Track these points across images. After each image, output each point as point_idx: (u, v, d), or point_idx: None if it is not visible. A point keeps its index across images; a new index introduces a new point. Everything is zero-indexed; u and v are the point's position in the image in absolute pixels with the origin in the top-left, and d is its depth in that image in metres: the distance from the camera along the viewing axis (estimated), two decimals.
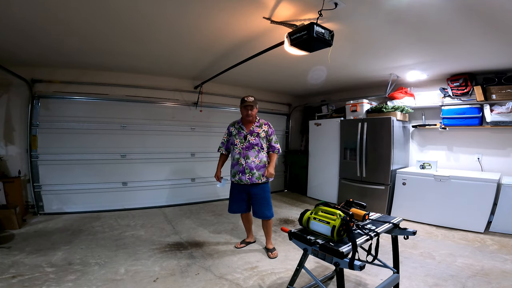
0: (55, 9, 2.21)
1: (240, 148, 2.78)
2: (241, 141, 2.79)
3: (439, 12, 2.12)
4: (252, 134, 2.80)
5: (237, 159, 2.78)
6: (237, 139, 2.81)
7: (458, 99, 3.91)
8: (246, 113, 2.77)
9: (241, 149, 2.77)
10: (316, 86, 5.14)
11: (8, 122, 3.88)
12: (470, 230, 3.41)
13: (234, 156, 2.81)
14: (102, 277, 2.25)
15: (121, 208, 4.31)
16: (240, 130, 2.83)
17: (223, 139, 2.97)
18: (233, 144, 2.84)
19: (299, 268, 1.75)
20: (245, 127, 2.83)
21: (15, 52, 3.27)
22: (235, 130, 2.86)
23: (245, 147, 2.77)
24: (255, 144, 2.78)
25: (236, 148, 2.80)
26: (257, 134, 2.81)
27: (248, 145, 2.77)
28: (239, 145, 2.79)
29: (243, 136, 2.80)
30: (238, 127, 2.86)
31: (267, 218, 2.82)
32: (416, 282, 2.24)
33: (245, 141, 2.78)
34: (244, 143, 2.78)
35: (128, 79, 4.41)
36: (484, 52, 3.00)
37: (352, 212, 1.72)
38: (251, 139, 2.79)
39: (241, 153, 2.77)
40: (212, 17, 2.38)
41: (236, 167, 2.80)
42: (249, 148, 2.77)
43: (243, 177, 2.74)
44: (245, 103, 2.75)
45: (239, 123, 2.89)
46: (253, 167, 2.74)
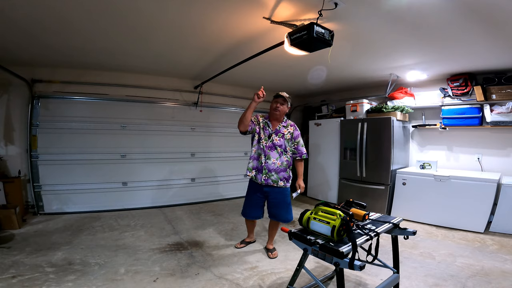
0: (58, 7, 2.21)
1: (263, 144, 2.61)
2: (265, 139, 2.62)
3: (439, 12, 2.12)
4: (277, 134, 2.63)
5: (258, 154, 2.63)
6: (263, 133, 2.64)
7: (458, 99, 3.91)
8: (275, 106, 2.60)
9: (264, 146, 2.61)
10: (316, 86, 5.14)
11: (8, 122, 3.88)
12: (470, 230, 3.41)
13: (257, 149, 2.64)
14: (102, 277, 2.25)
15: (121, 208, 4.31)
16: (267, 126, 2.66)
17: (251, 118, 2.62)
18: (258, 136, 2.64)
19: (299, 268, 1.75)
20: (271, 124, 2.67)
21: (16, 52, 3.27)
22: (262, 124, 2.67)
23: (268, 146, 2.60)
24: (278, 145, 2.61)
25: (260, 143, 2.62)
26: (283, 134, 2.64)
27: (271, 145, 2.61)
28: (263, 141, 2.62)
29: (267, 134, 2.63)
30: (265, 122, 2.68)
31: (287, 221, 2.71)
32: (416, 282, 2.24)
33: (268, 139, 2.62)
34: (267, 142, 2.61)
35: (128, 79, 4.41)
36: (484, 52, 3.00)
37: (352, 212, 1.72)
38: (276, 139, 2.62)
39: (264, 150, 2.60)
40: (212, 17, 2.38)
41: (255, 162, 2.65)
42: (272, 148, 2.60)
43: (258, 176, 2.62)
44: (277, 94, 2.62)
45: (266, 118, 2.71)
46: (271, 169, 2.58)
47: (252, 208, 2.73)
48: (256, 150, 2.65)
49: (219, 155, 5.32)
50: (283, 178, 2.63)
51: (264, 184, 2.62)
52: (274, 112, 2.62)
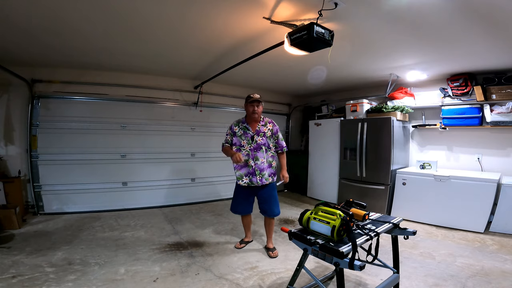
0: (58, 8, 2.21)
1: (248, 149, 2.70)
2: (248, 142, 2.70)
3: (439, 12, 2.12)
4: (259, 134, 2.72)
5: (245, 160, 2.68)
6: (243, 140, 2.72)
7: (458, 99, 3.91)
8: (252, 110, 2.67)
9: (249, 150, 2.69)
10: (316, 86, 5.14)
11: (8, 122, 3.88)
12: (470, 230, 3.41)
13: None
14: (102, 277, 2.25)
15: (121, 208, 4.31)
16: (246, 130, 2.74)
17: (226, 138, 2.83)
18: (239, 145, 2.74)
19: (299, 268, 1.75)
20: (250, 127, 2.75)
21: (16, 52, 3.27)
22: (240, 131, 2.75)
23: (253, 148, 2.69)
24: (262, 144, 2.72)
25: (243, 150, 2.71)
26: (264, 133, 2.74)
27: (256, 146, 2.70)
28: (246, 146, 2.70)
29: (250, 137, 2.71)
30: (243, 127, 2.76)
31: (276, 215, 2.85)
32: (416, 282, 2.24)
33: (252, 142, 2.70)
34: (251, 144, 2.70)
35: (128, 79, 4.41)
36: (484, 52, 3.00)
37: (352, 212, 1.72)
38: (259, 139, 2.72)
39: (249, 154, 2.68)
40: (212, 17, 2.38)
41: (244, 169, 2.72)
42: (257, 149, 2.70)
43: (253, 179, 2.69)
44: (251, 99, 2.66)
45: (243, 122, 2.78)
46: (262, 168, 2.70)
47: (243, 205, 2.85)
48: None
49: (219, 155, 5.25)
50: (271, 173, 2.79)
51: (260, 185, 2.71)
52: (252, 115, 2.69)
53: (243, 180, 2.73)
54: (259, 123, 2.76)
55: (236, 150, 2.73)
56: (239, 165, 2.72)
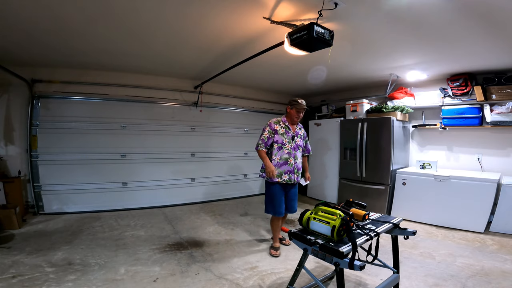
0: (58, 8, 2.21)
1: (288, 148, 2.77)
2: (289, 142, 2.79)
3: (439, 12, 2.12)
4: (297, 136, 2.88)
5: (285, 158, 2.75)
6: (285, 138, 2.79)
7: (458, 99, 3.91)
8: (298, 116, 2.82)
9: (290, 149, 2.78)
10: (316, 86, 5.14)
11: (8, 122, 3.88)
12: (470, 230, 3.41)
13: (282, 155, 2.75)
14: (102, 277, 2.25)
15: (121, 208, 4.31)
16: (287, 129, 2.83)
17: (263, 136, 2.79)
18: (280, 143, 2.77)
19: (299, 268, 1.75)
20: (291, 128, 2.86)
21: (16, 52, 3.27)
22: (282, 129, 2.81)
23: (293, 148, 2.80)
24: (299, 145, 2.87)
25: (284, 148, 2.76)
26: (300, 136, 2.92)
27: (295, 146, 2.82)
28: (287, 145, 2.77)
29: (291, 136, 2.82)
30: (284, 126, 2.83)
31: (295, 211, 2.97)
32: (416, 282, 2.24)
33: (292, 141, 2.81)
34: (292, 144, 2.80)
35: (128, 79, 4.41)
36: (484, 52, 3.00)
37: (352, 212, 1.72)
38: (297, 140, 2.86)
39: (290, 153, 2.77)
40: (212, 16, 2.38)
41: (284, 167, 2.75)
42: (296, 149, 2.82)
43: (292, 177, 2.77)
44: (300, 106, 2.78)
45: (284, 122, 2.86)
46: (299, 167, 2.85)
47: (281, 206, 2.83)
48: (282, 156, 2.75)
49: (219, 155, 5.32)
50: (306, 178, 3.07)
51: (295, 182, 2.83)
52: (295, 119, 2.83)
53: (282, 178, 2.74)
54: (297, 125, 2.93)
55: (277, 148, 2.76)
56: (279, 162, 2.75)
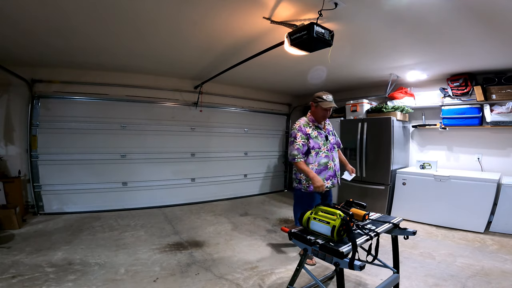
0: (58, 8, 2.21)
1: (325, 150, 2.45)
2: (324, 143, 2.47)
3: (439, 12, 2.12)
4: (329, 133, 2.58)
5: (324, 163, 2.42)
6: (320, 141, 2.45)
7: (458, 99, 3.91)
8: (324, 115, 2.47)
9: (327, 151, 2.47)
10: (316, 86, 5.12)
11: (8, 122, 3.88)
12: (470, 230, 3.41)
13: (320, 161, 2.41)
14: (102, 277, 2.25)
15: (121, 208, 4.31)
16: (319, 130, 2.51)
17: (297, 144, 2.38)
18: (317, 148, 2.43)
19: (299, 268, 1.75)
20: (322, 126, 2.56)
21: (16, 52, 3.27)
22: (314, 131, 2.46)
23: (329, 149, 2.49)
24: (334, 143, 2.58)
25: (321, 152, 2.43)
26: (332, 132, 2.62)
27: (331, 146, 2.52)
28: (323, 147, 2.45)
29: (324, 137, 2.50)
30: (315, 127, 2.50)
31: None
32: (416, 282, 2.24)
33: (327, 142, 2.50)
34: (327, 145, 2.49)
35: (128, 79, 4.41)
36: (484, 52, 3.00)
37: (352, 212, 1.72)
38: (331, 138, 2.56)
39: (328, 156, 2.46)
40: (212, 17, 2.38)
41: (324, 173, 2.44)
42: (332, 149, 2.53)
43: (335, 181, 2.50)
44: (327, 105, 2.40)
45: (313, 121, 2.52)
46: (338, 168, 2.56)
47: None
48: (320, 161, 2.42)
49: (219, 155, 5.32)
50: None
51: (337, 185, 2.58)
52: (322, 118, 2.51)
53: (327, 183, 2.44)
54: (325, 122, 2.62)
55: (315, 153, 2.42)
56: (318, 169, 2.41)
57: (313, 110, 2.52)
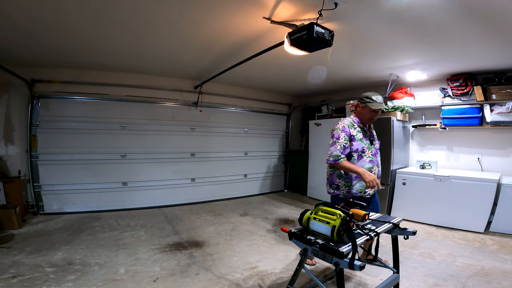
0: (58, 9, 2.22)
1: (370, 155, 2.29)
2: (369, 147, 2.30)
3: (439, 12, 2.12)
4: (374, 138, 2.43)
5: (369, 168, 2.24)
6: (364, 144, 2.29)
7: (458, 99, 3.91)
8: (371, 117, 2.31)
9: (372, 156, 2.30)
10: (316, 86, 5.14)
11: (8, 122, 3.88)
12: (470, 230, 3.41)
13: (363, 166, 2.23)
14: (102, 277, 2.25)
15: (121, 208, 4.31)
16: (364, 132, 2.34)
17: (339, 144, 2.22)
18: (360, 151, 2.26)
19: (299, 268, 1.75)
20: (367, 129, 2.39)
21: (16, 52, 3.27)
22: (359, 134, 2.29)
23: (373, 154, 2.33)
24: (378, 149, 2.42)
25: (365, 156, 2.26)
26: (375, 137, 2.46)
27: (375, 151, 2.36)
28: (368, 152, 2.29)
29: (369, 141, 2.34)
30: (360, 129, 2.33)
31: None
32: (416, 282, 2.25)
33: (372, 146, 2.34)
34: (371, 149, 2.32)
35: (128, 79, 4.41)
36: (484, 52, 3.00)
37: (352, 212, 1.72)
38: (376, 144, 2.40)
39: (373, 161, 2.29)
40: (212, 17, 2.38)
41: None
42: (376, 154, 2.36)
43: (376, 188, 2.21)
44: (376, 106, 2.22)
45: (358, 123, 2.35)
46: (381, 174, 2.40)
47: None
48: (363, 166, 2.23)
49: (219, 155, 5.32)
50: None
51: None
52: (368, 120, 2.35)
53: (366, 192, 2.24)
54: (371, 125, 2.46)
55: (358, 157, 2.25)
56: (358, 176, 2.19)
57: (359, 111, 2.35)
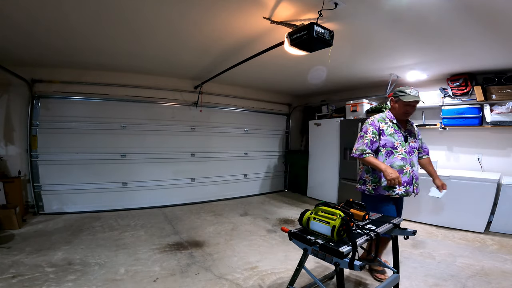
0: (58, 9, 2.22)
1: (402, 152, 2.15)
2: (402, 144, 2.16)
3: (439, 12, 2.12)
4: (411, 135, 2.25)
5: (400, 166, 2.12)
6: (396, 140, 2.16)
7: (458, 99, 3.91)
8: (406, 111, 2.16)
9: (405, 153, 2.16)
10: (316, 86, 5.14)
11: (8, 122, 3.88)
12: (470, 230, 3.41)
13: (394, 162, 2.12)
14: (102, 277, 2.25)
15: (121, 208, 4.31)
16: (397, 128, 2.20)
17: (366, 138, 2.17)
18: (390, 147, 2.15)
19: (299, 268, 1.75)
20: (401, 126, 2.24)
21: (16, 52, 3.27)
22: (390, 128, 2.18)
23: (407, 152, 2.18)
24: (415, 147, 2.25)
25: (396, 153, 2.14)
26: (415, 135, 2.28)
27: (410, 149, 2.20)
28: (400, 148, 2.15)
29: (403, 137, 2.20)
30: (392, 125, 2.20)
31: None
32: (416, 282, 2.24)
33: (406, 143, 2.19)
34: (405, 146, 2.18)
35: (128, 79, 4.41)
36: (484, 53, 3.00)
37: (352, 212, 1.72)
38: (412, 141, 2.23)
39: (405, 159, 2.15)
40: (212, 17, 2.38)
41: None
42: (411, 153, 2.21)
43: (410, 189, 2.17)
44: (409, 98, 2.09)
45: (391, 118, 2.23)
46: (417, 176, 2.24)
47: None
48: (393, 163, 2.13)
49: (219, 155, 5.32)
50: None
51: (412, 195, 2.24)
52: (403, 115, 2.20)
53: (395, 191, 2.12)
54: (408, 122, 2.31)
55: (386, 153, 2.15)
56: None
57: (393, 106, 2.25)
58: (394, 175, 1.95)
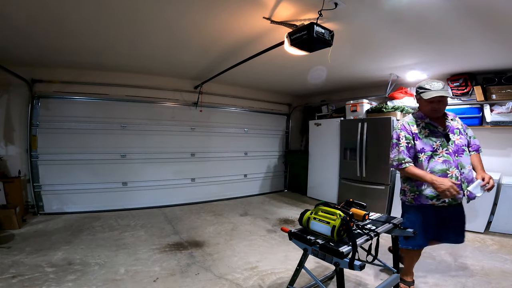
0: (57, 9, 2.22)
1: (444, 154, 1.89)
2: (443, 145, 1.91)
3: (439, 12, 2.12)
4: (454, 132, 1.95)
5: (441, 170, 1.86)
6: (435, 142, 1.91)
7: (458, 99, 3.91)
8: (432, 108, 1.91)
9: (447, 155, 1.89)
10: (316, 86, 5.14)
11: (8, 122, 3.88)
12: (470, 230, 3.41)
13: (433, 167, 1.88)
14: (102, 277, 2.25)
15: (121, 208, 4.31)
16: (432, 128, 1.95)
17: (401, 147, 1.93)
18: (429, 151, 1.91)
19: (299, 268, 1.75)
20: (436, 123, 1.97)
21: (16, 52, 3.27)
22: (424, 130, 1.94)
23: (451, 152, 1.89)
24: (463, 145, 1.94)
25: (436, 156, 1.89)
26: (459, 130, 1.97)
27: (456, 148, 1.91)
28: (441, 150, 1.90)
29: (443, 136, 1.94)
30: (425, 125, 1.96)
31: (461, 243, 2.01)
32: (416, 282, 2.24)
33: (448, 143, 1.92)
34: (448, 147, 1.91)
35: (128, 79, 4.41)
36: (484, 53, 3.00)
37: (352, 212, 1.72)
38: (456, 138, 1.94)
39: (449, 161, 1.87)
40: (212, 17, 2.38)
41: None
42: (458, 152, 1.91)
43: (459, 195, 1.81)
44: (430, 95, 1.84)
45: (422, 118, 1.98)
46: (471, 178, 1.91)
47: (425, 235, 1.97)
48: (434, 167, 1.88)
49: (219, 155, 5.32)
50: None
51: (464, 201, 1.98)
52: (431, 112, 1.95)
53: (439, 199, 1.88)
54: (446, 117, 2.02)
55: (426, 158, 1.91)
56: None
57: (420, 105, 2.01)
58: (446, 185, 1.70)
